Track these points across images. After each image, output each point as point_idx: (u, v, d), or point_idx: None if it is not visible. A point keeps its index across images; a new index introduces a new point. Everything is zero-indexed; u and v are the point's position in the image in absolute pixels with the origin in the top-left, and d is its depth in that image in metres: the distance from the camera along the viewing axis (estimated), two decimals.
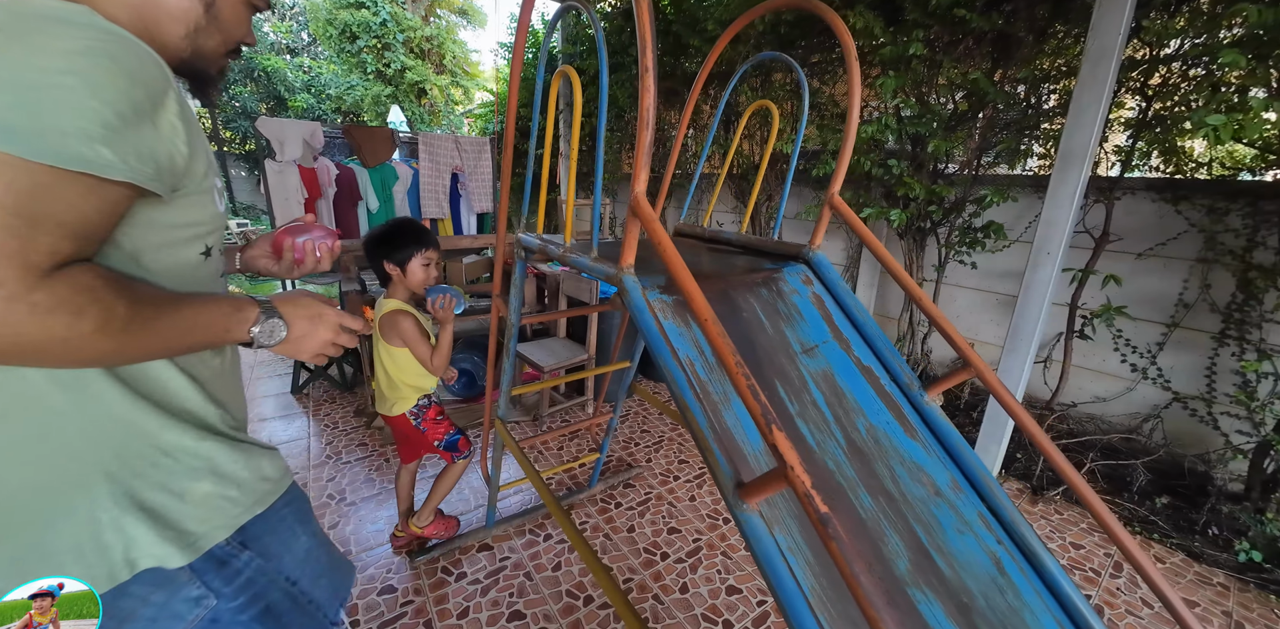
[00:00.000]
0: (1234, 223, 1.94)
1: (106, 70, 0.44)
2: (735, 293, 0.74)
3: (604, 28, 3.75)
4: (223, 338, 0.55)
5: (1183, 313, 2.10)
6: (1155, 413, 2.18)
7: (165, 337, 0.50)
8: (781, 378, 0.66)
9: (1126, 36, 1.67)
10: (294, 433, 2.30)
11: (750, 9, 0.92)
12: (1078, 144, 1.75)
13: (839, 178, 0.84)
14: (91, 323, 0.43)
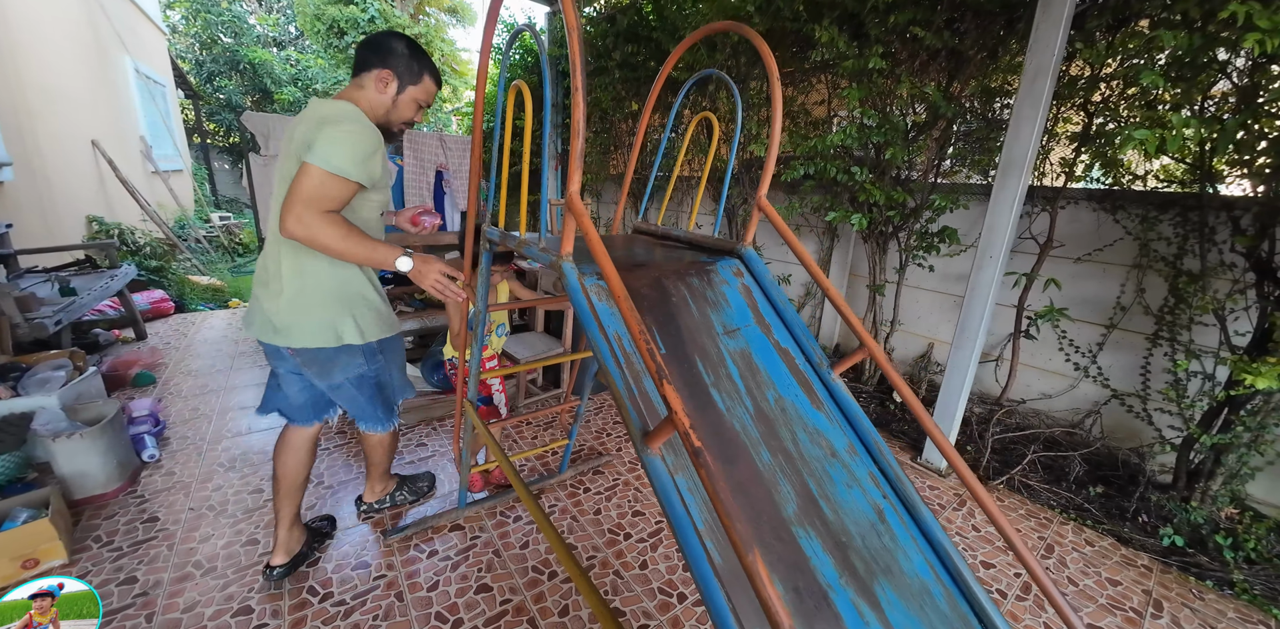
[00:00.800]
0: (1165, 231, 2.10)
1: (363, 136, 1.14)
2: (668, 280, 0.84)
3: (582, 34, 3.85)
4: (386, 261, 1.14)
5: (1120, 315, 2.26)
6: (1095, 409, 2.33)
7: (361, 252, 1.12)
8: (701, 353, 0.77)
9: (1062, 56, 1.80)
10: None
11: (691, 34, 1.03)
12: (1017, 155, 1.89)
13: (765, 182, 0.95)
14: (336, 234, 1.08)
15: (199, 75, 9.31)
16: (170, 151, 6.67)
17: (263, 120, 2.96)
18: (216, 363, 2.98)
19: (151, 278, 3.92)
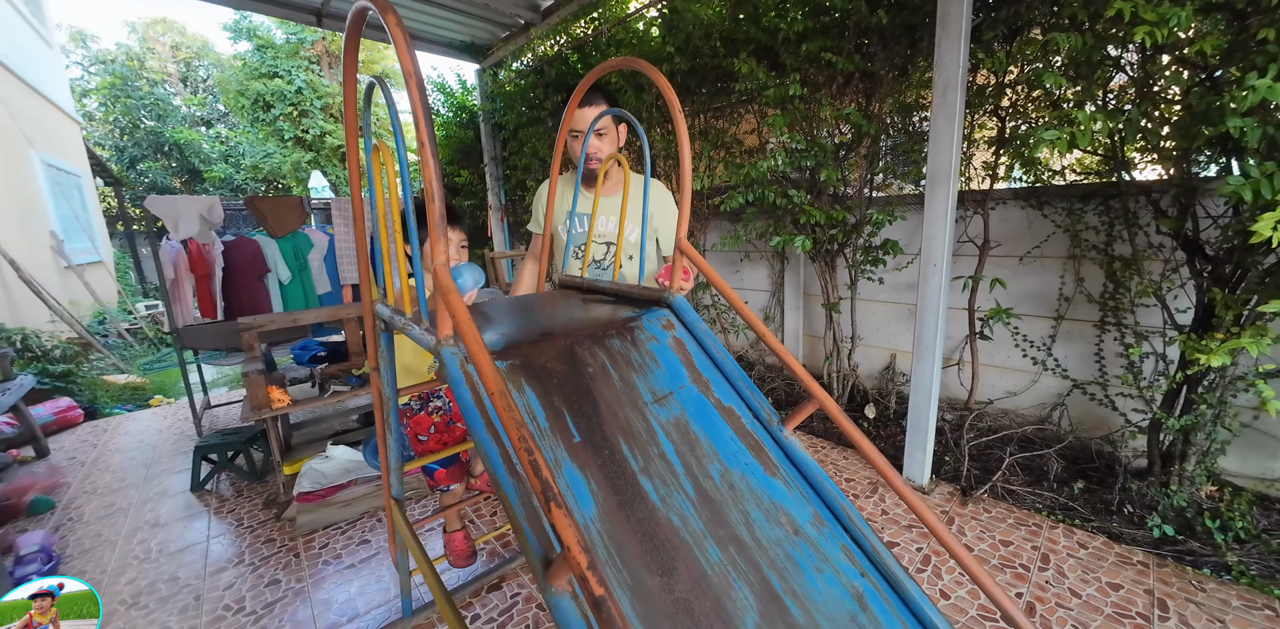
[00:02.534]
0: (1092, 221, 2.14)
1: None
2: (582, 348, 0.73)
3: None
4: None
5: (1065, 306, 2.27)
6: (1060, 401, 2.30)
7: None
8: (626, 432, 0.65)
9: (967, 69, 1.86)
10: (191, 538, 2.07)
11: (591, 71, 0.96)
12: (940, 165, 1.91)
13: (683, 224, 0.87)
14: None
15: (120, 161, 8.98)
16: (85, 244, 6.28)
17: (170, 203, 2.78)
18: (128, 475, 2.65)
19: (57, 384, 3.54)
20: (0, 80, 5.08)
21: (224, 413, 3.40)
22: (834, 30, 2.23)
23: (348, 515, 2.16)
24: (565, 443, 0.61)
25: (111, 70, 9.17)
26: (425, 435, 1.49)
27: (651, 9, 3.04)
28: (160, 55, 10.53)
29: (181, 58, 10.59)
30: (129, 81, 9.14)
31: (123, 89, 9.17)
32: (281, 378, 2.42)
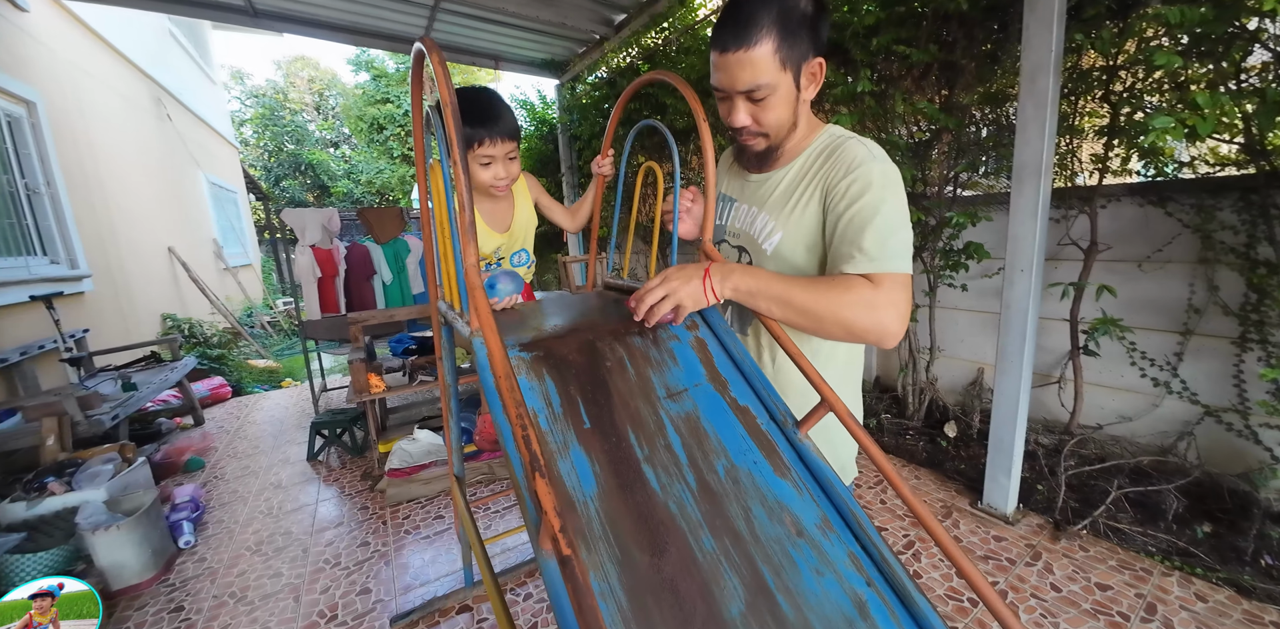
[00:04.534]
0: (1229, 219, 1.85)
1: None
2: (603, 343, 0.78)
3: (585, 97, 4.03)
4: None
5: (1195, 319, 1.97)
6: (1188, 429, 1.99)
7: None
8: (635, 423, 0.69)
9: (1060, 52, 1.70)
10: (304, 499, 2.39)
11: (627, 88, 1.02)
12: (1029, 158, 1.76)
13: (708, 227, 0.89)
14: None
15: (268, 179, 10.52)
16: (238, 250, 7.42)
17: (299, 216, 3.23)
18: (261, 444, 3.11)
19: (212, 366, 4.23)
20: (176, 113, 6.15)
21: (336, 395, 3.87)
22: (909, 21, 2.11)
23: (428, 492, 2.38)
24: (576, 428, 0.66)
25: (262, 103, 10.83)
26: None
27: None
28: (299, 88, 12.25)
29: (316, 89, 12.26)
30: (275, 112, 10.72)
31: (271, 118, 10.77)
32: (379, 366, 2.72)
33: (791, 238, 0.86)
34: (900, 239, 0.76)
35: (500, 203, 1.29)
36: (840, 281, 0.75)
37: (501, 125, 1.11)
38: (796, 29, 0.74)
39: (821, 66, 0.80)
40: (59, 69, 3.82)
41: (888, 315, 0.73)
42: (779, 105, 0.80)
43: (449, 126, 0.60)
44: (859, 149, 0.81)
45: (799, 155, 0.87)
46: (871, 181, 0.77)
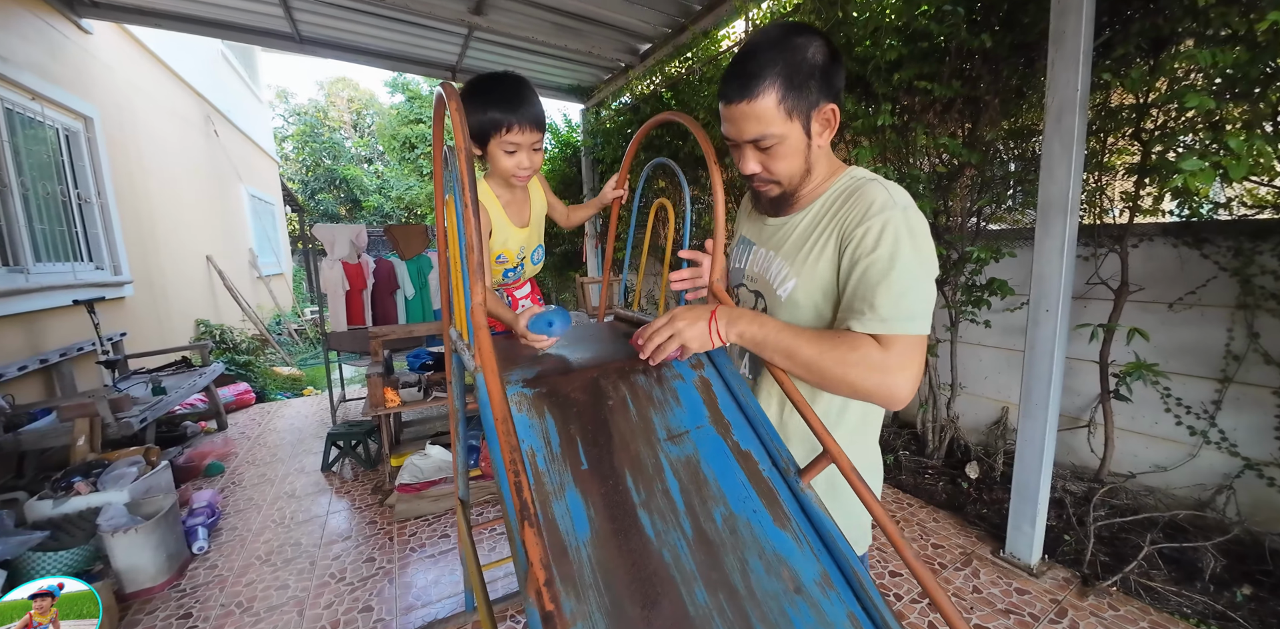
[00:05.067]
0: (1269, 264, 1.78)
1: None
2: (607, 381, 0.78)
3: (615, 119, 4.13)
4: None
5: (1234, 366, 1.89)
6: (1226, 483, 1.88)
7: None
8: (633, 465, 0.68)
9: (1087, 90, 1.68)
10: (315, 511, 2.42)
11: (641, 127, 1.05)
12: (1055, 195, 1.73)
13: (718, 265, 0.90)
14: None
15: (304, 192, 10.97)
16: (272, 259, 7.70)
17: (329, 231, 3.35)
18: (279, 452, 3.16)
19: (239, 372, 4.35)
20: (223, 129, 6.49)
21: (355, 405, 3.94)
22: (932, 56, 2.12)
23: (436, 510, 2.38)
24: (573, 469, 0.66)
25: (304, 120, 11.39)
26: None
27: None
28: (339, 107, 12.86)
29: (354, 108, 12.86)
30: (315, 129, 11.25)
31: (311, 135, 11.31)
32: (396, 381, 2.77)
33: (806, 285, 0.82)
34: (917, 297, 0.72)
35: (517, 193, 1.26)
36: (848, 340, 0.72)
37: (530, 113, 1.08)
38: (804, 80, 0.74)
39: (835, 113, 0.78)
40: (117, 87, 4.08)
41: (896, 380, 0.70)
42: (789, 154, 0.79)
43: (462, 171, 0.62)
44: (879, 193, 0.76)
45: (817, 199, 0.85)
46: (890, 230, 0.72)
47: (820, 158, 0.84)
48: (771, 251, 0.90)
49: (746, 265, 0.96)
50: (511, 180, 1.17)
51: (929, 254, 0.74)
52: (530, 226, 1.31)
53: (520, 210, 1.29)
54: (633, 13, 3.28)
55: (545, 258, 1.47)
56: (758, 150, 0.80)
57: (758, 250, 0.93)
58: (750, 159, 0.81)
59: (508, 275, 1.34)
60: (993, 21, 2.04)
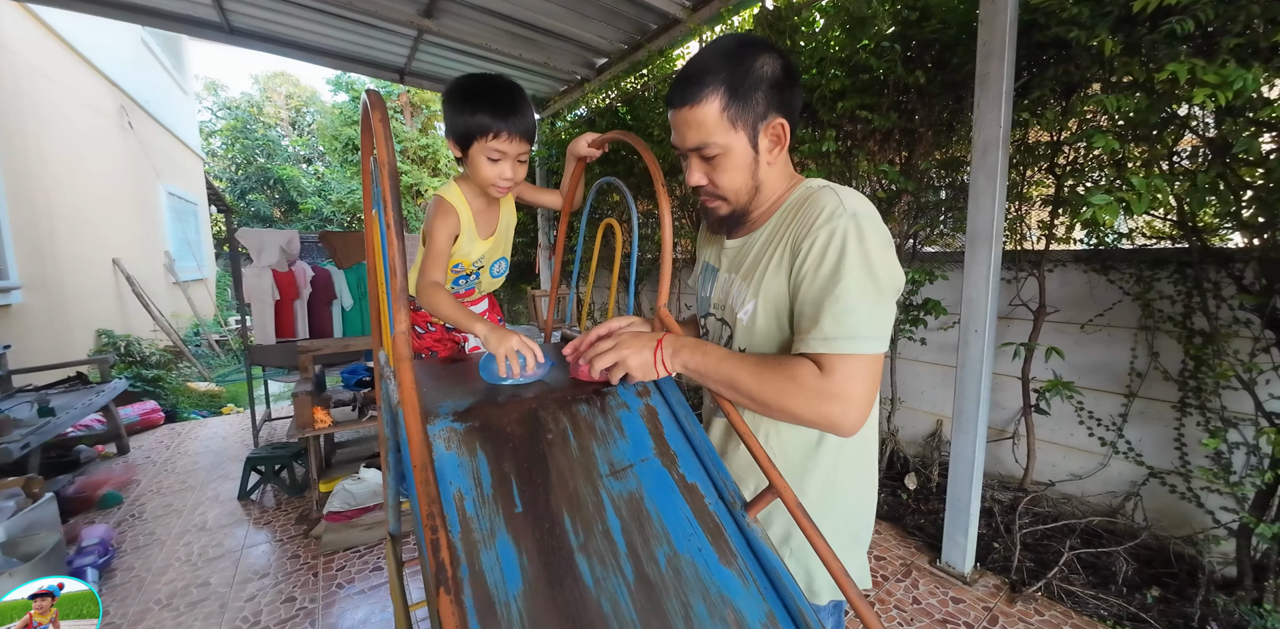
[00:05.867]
0: (1166, 290, 1.96)
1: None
2: (546, 411, 0.74)
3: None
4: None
5: (1138, 382, 2.05)
6: (1134, 490, 2.04)
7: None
8: (572, 505, 0.64)
9: (1009, 129, 1.80)
10: (229, 545, 2.20)
11: (598, 137, 1.03)
12: (981, 226, 1.83)
13: (664, 290, 0.88)
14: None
15: (233, 192, 10.25)
16: (192, 264, 7.11)
17: (256, 236, 3.12)
18: (189, 478, 2.88)
19: (147, 388, 3.95)
20: (140, 121, 5.99)
21: (282, 425, 3.65)
22: (872, 88, 2.23)
23: (368, 540, 2.22)
24: (506, 512, 0.61)
25: (235, 115, 10.68)
26: (424, 329, 1.33)
27: None
28: (276, 103, 12.17)
29: (293, 106, 12.19)
30: (248, 125, 10.56)
31: (242, 131, 10.62)
32: (328, 399, 2.58)
33: (765, 306, 0.77)
34: (866, 313, 0.65)
35: (491, 203, 1.19)
36: (786, 366, 0.67)
37: (522, 123, 1.01)
38: (750, 91, 0.71)
39: (784, 128, 0.75)
40: (16, 71, 3.69)
41: (835, 407, 0.65)
42: (733, 167, 0.76)
43: (384, 188, 0.57)
44: (829, 199, 0.71)
45: (773, 215, 0.81)
46: (836, 239, 0.67)
47: (772, 176, 0.80)
48: (732, 274, 0.86)
49: (712, 293, 0.91)
50: (490, 190, 1.09)
51: (884, 265, 0.68)
52: (495, 238, 1.23)
53: (489, 221, 1.21)
54: (589, 28, 3.29)
55: (508, 271, 1.39)
56: (702, 161, 0.77)
57: (721, 276, 0.89)
58: (695, 169, 0.79)
59: (458, 283, 1.24)
60: (925, 60, 2.17)
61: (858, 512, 0.85)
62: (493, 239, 1.22)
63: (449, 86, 1.03)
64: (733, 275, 0.86)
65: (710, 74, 0.71)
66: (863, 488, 0.85)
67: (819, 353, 0.67)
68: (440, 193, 1.12)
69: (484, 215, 1.18)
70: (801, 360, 0.68)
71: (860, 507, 0.86)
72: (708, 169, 0.78)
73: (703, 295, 0.95)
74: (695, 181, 0.80)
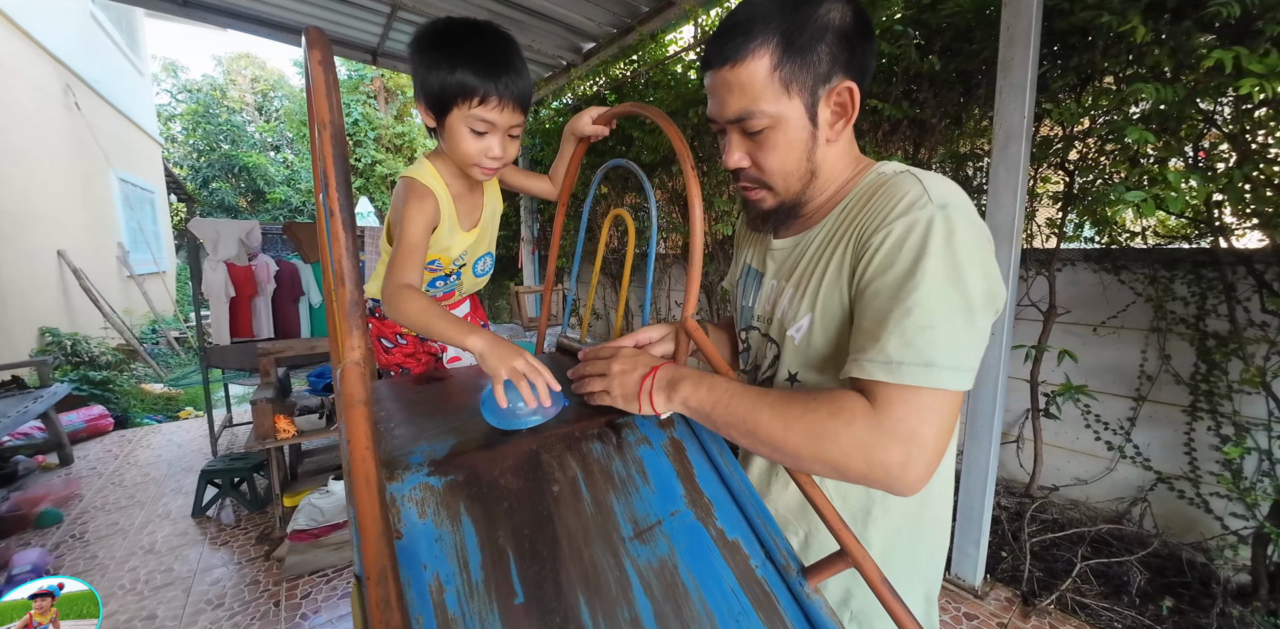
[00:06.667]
0: (1180, 291, 1.89)
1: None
2: (549, 454, 0.59)
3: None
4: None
5: (1147, 386, 1.99)
6: (1141, 495, 1.98)
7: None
8: (590, 587, 0.49)
9: (1031, 119, 1.70)
10: (180, 570, 1.99)
11: (600, 115, 0.87)
12: (1001, 222, 1.73)
13: (690, 300, 0.73)
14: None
15: (195, 180, 9.71)
16: (147, 256, 6.68)
17: (211, 226, 2.87)
18: (138, 492, 2.64)
19: (94, 392, 3.65)
20: (89, 103, 5.56)
21: (244, 431, 3.41)
22: (880, 76, 2.11)
23: (337, 561, 2.04)
24: (503, 605, 0.46)
25: (196, 98, 10.09)
26: (392, 342, 1.15)
27: (690, 52, 3.02)
28: (241, 87, 11.56)
29: (260, 89, 11.59)
30: (210, 109, 9.99)
31: (204, 115, 10.04)
32: (292, 406, 2.38)
33: (823, 323, 0.62)
34: (947, 333, 0.49)
35: (473, 187, 0.98)
36: (827, 401, 0.51)
37: (517, 86, 0.78)
38: (811, 43, 0.55)
39: (853, 94, 0.58)
40: None
41: (896, 455, 0.48)
42: (784, 144, 0.59)
43: (326, 158, 0.41)
44: (909, 187, 0.55)
45: (835, 208, 0.64)
46: (915, 235, 0.51)
47: (832, 157, 0.63)
48: (780, 282, 0.70)
49: (756, 302, 0.75)
50: (472, 171, 0.87)
51: (978, 274, 0.51)
52: (479, 230, 1.03)
53: (472, 209, 0.99)
54: (577, 8, 3.09)
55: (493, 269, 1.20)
56: (744, 136, 0.61)
57: (768, 282, 0.73)
58: (736, 147, 0.62)
59: (435, 285, 1.06)
60: (937, 46, 2.06)
61: (935, 563, 0.72)
62: (476, 231, 1.02)
63: (419, 31, 0.80)
64: (782, 283, 0.70)
65: (760, 22, 0.55)
66: (940, 535, 0.72)
67: (877, 380, 0.51)
68: (410, 173, 0.89)
69: (466, 201, 0.97)
70: (848, 393, 0.52)
71: (938, 557, 0.72)
72: (751, 147, 0.62)
73: (744, 304, 0.79)
74: (735, 163, 0.63)
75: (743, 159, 0.63)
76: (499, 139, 0.83)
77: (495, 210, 1.06)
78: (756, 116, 0.58)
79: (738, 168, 0.64)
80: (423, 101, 0.82)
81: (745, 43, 0.55)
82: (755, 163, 0.63)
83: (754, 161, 0.63)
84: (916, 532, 0.69)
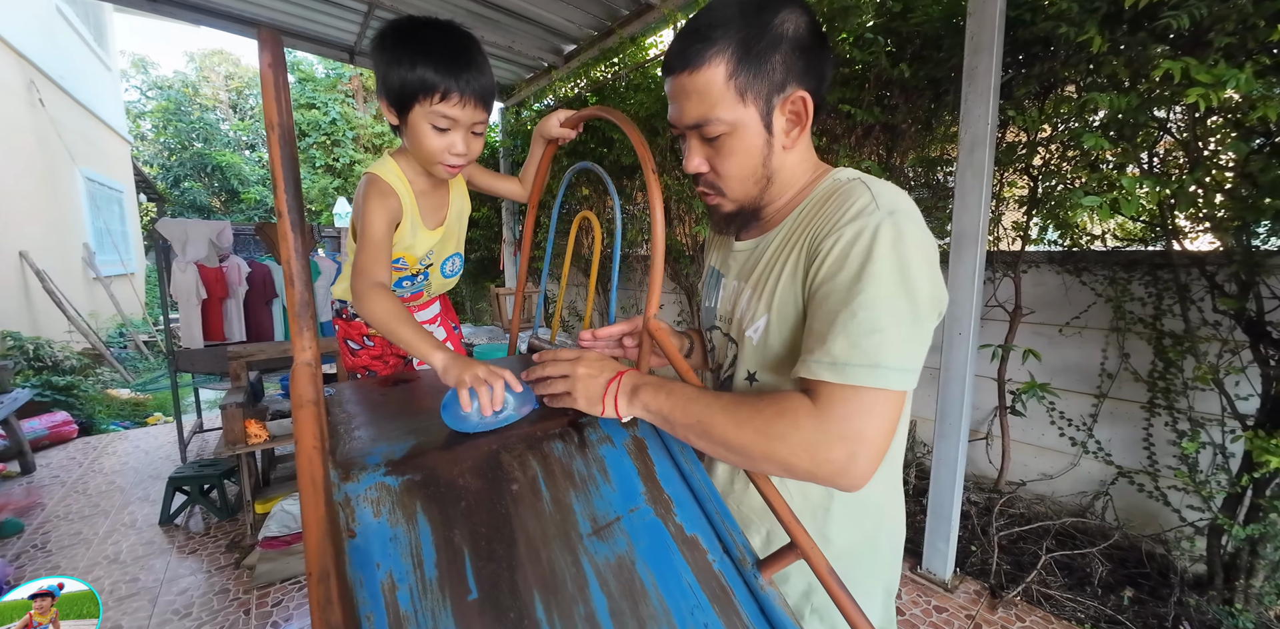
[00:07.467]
0: (1138, 292, 1.96)
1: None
2: (510, 454, 0.60)
3: None
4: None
5: (1109, 383, 2.06)
6: (1103, 489, 2.05)
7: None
8: (546, 585, 0.50)
9: (996, 125, 1.75)
10: (146, 581, 1.94)
11: (571, 117, 0.88)
12: (968, 225, 1.77)
13: (653, 301, 0.74)
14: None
15: (166, 179, 9.45)
16: (115, 257, 6.49)
17: (179, 227, 2.80)
18: (103, 501, 2.56)
19: (58, 397, 3.54)
20: (53, 98, 5.39)
21: (215, 437, 3.33)
22: (854, 81, 2.16)
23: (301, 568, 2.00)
24: (456, 601, 0.46)
25: (167, 96, 9.84)
26: (359, 344, 1.15)
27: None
28: (214, 84, 11.29)
29: (234, 87, 11.34)
30: (182, 106, 9.75)
31: (176, 113, 9.78)
32: (264, 410, 2.33)
33: (779, 323, 0.64)
34: (894, 336, 0.51)
35: (437, 185, 0.98)
36: (775, 403, 0.54)
37: (478, 83, 0.79)
38: (766, 52, 0.57)
39: (806, 103, 0.60)
40: None
41: (839, 452, 0.50)
42: (740, 151, 0.62)
43: (274, 160, 0.41)
44: (860, 193, 0.57)
45: (792, 212, 0.67)
46: (863, 240, 0.53)
47: (789, 163, 0.66)
48: (740, 283, 0.72)
49: (718, 303, 0.78)
50: (435, 169, 0.87)
51: (923, 279, 0.54)
52: (445, 229, 1.02)
53: (436, 207, 0.99)
54: (557, 10, 3.09)
55: (462, 270, 1.19)
56: (703, 142, 0.63)
57: (729, 283, 0.76)
58: (694, 153, 0.64)
59: (403, 285, 1.05)
60: (908, 54, 2.11)
61: (893, 557, 0.74)
62: (442, 229, 1.01)
63: (381, 29, 0.81)
64: (742, 284, 0.72)
65: (718, 29, 0.57)
66: (896, 528, 0.74)
67: (823, 380, 0.53)
68: (373, 170, 0.90)
69: (429, 199, 0.97)
70: (794, 394, 0.55)
71: (895, 550, 0.74)
72: (710, 152, 0.64)
73: (708, 305, 0.81)
74: (694, 168, 0.65)
75: (702, 164, 0.66)
76: (462, 135, 0.84)
77: (462, 210, 1.07)
78: (713, 123, 0.60)
79: (697, 172, 0.67)
80: (385, 98, 0.83)
81: (703, 49, 0.57)
82: (713, 168, 0.65)
83: (712, 166, 0.65)
84: (877, 526, 0.71)
